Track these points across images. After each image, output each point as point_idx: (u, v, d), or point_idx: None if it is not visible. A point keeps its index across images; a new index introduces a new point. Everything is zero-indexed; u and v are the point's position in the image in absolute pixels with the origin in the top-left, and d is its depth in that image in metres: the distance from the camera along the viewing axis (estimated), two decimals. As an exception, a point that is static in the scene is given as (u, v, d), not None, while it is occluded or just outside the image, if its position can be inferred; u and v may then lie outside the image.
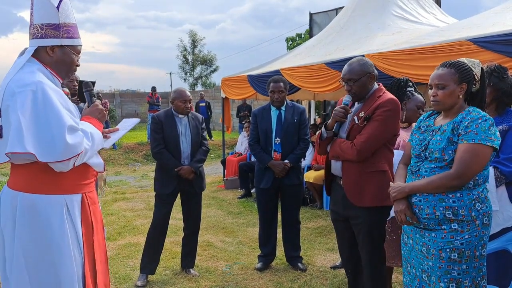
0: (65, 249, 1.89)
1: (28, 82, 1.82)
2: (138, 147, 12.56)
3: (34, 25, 1.95)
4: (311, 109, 10.89)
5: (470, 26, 4.25)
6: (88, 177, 2.04)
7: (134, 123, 2.46)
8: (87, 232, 2.00)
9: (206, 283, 3.72)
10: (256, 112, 4.16)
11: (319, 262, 4.21)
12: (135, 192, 7.80)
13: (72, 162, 1.84)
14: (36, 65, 1.94)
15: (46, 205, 1.87)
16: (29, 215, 1.85)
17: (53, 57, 1.98)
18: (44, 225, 1.86)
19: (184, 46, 32.21)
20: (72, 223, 1.93)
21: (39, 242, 1.86)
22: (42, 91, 1.81)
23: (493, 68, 2.54)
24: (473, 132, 1.99)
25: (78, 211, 1.97)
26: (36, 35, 1.95)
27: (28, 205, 1.86)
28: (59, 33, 1.97)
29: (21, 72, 1.88)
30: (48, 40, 1.95)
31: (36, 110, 1.79)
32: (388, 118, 2.55)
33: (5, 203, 1.91)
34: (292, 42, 19.69)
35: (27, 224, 1.85)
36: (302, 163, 6.74)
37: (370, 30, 5.94)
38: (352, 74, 2.63)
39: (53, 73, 1.99)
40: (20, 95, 1.79)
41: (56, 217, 1.88)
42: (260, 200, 4.10)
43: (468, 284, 2.02)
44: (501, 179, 2.42)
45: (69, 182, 1.94)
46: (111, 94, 23.78)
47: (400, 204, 2.15)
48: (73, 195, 1.95)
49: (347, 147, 2.60)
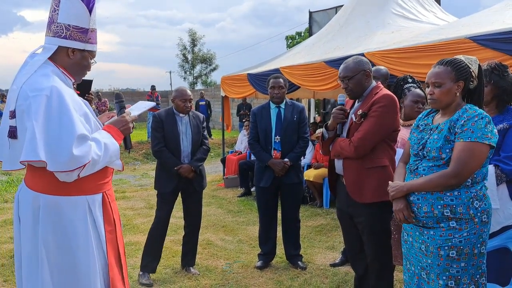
0: (88, 249, 1.89)
1: (43, 87, 1.78)
2: (138, 145, 12.55)
3: (58, 24, 1.89)
4: (311, 108, 10.90)
5: (470, 24, 4.25)
6: (107, 176, 2.03)
7: (149, 106, 2.38)
8: (111, 229, 2.00)
9: (206, 282, 3.72)
10: (255, 110, 4.15)
11: (319, 260, 4.21)
12: (135, 191, 7.80)
13: (76, 173, 1.79)
14: (50, 66, 1.89)
15: (69, 207, 1.87)
16: (53, 216, 1.85)
17: (72, 59, 1.94)
18: (67, 226, 1.86)
19: (184, 45, 32.25)
20: (94, 223, 1.93)
21: (61, 243, 1.86)
22: (58, 97, 1.77)
23: (494, 66, 2.54)
24: (469, 130, 1.99)
25: (99, 211, 1.96)
26: (60, 34, 1.89)
27: (52, 206, 1.85)
28: (85, 38, 1.94)
29: (35, 74, 1.84)
30: (73, 42, 1.91)
31: (48, 117, 1.75)
32: (383, 113, 2.58)
33: (26, 204, 1.89)
34: (291, 40, 19.70)
35: (51, 225, 1.84)
36: (302, 161, 6.75)
37: (369, 28, 5.94)
38: (347, 72, 2.68)
39: (65, 73, 1.95)
40: (35, 100, 1.75)
41: (79, 218, 1.88)
42: (260, 198, 4.10)
43: (467, 281, 2.03)
44: (502, 177, 2.42)
45: (91, 183, 1.92)
46: (111, 93, 23.78)
47: (399, 203, 2.15)
48: (95, 195, 1.95)
49: (345, 145, 2.65)
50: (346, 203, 2.76)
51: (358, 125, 2.62)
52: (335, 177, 2.90)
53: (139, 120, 22.12)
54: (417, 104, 2.97)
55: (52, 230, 1.85)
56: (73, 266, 1.87)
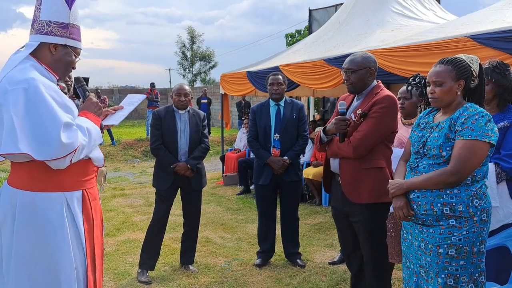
0: (65, 247, 1.89)
1: (20, 79, 1.80)
2: (137, 143, 12.55)
3: (40, 21, 1.93)
4: (310, 106, 10.89)
5: (469, 23, 4.24)
6: (88, 173, 2.03)
7: (140, 100, 2.39)
8: (89, 228, 2.00)
9: (205, 279, 3.72)
10: (254, 108, 4.14)
11: (318, 258, 4.22)
12: (134, 188, 7.80)
13: (68, 159, 1.83)
14: (30, 61, 1.91)
15: (46, 203, 1.87)
16: (29, 213, 1.85)
17: (55, 55, 1.96)
18: (44, 223, 1.86)
19: (183, 43, 32.18)
20: (73, 220, 1.93)
21: (38, 239, 1.86)
22: (35, 88, 1.79)
23: (495, 64, 2.54)
24: (469, 128, 1.99)
25: (79, 208, 1.96)
26: (41, 30, 1.93)
27: (28, 203, 1.85)
28: (66, 33, 1.96)
29: (14, 69, 1.86)
30: (54, 37, 1.94)
31: (29, 108, 1.77)
32: (385, 115, 2.56)
33: (4, 200, 1.91)
34: (291, 38, 19.66)
35: (26, 222, 1.85)
36: (301, 159, 6.75)
37: (369, 26, 5.93)
38: (352, 64, 2.66)
39: (48, 70, 1.96)
40: (13, 93, 1.77)
41: (56, 214, 1.88)
42: (258, 196, 4.10)
43: (466, 280, 2.03)
44: (502, 176, 2.42)
45: (69, 179, 1.93)
46: (110, 90, 23.76)
47: (398, 200, 2.16)
48: (74, 192, 1.95)
49: (344, 145, 2.62)
50: (342, 202, 2.74)
51: (357, 125, 2.60)
52: (330, 175, 2.88)
53: (138, 118, 22.05)
54: (400, 100, 2.96)
55: (28, 226, 1.85)
56: (50, 262, 1.87)
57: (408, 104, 2.97)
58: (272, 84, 3.98)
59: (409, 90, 3.00)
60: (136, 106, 2.35)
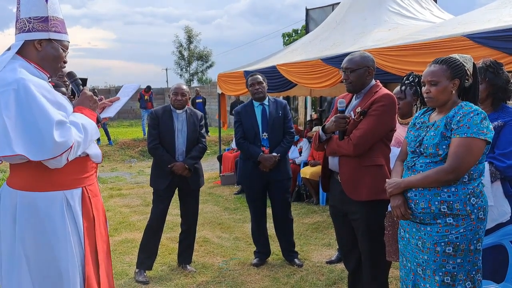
0: (66, 244, 1.88)
1: (10, 81, 1.78)
2: (134, 143, 12.53)
3: (21, 19, 1.91)
4: (307, 105, 10.90)
5: (466, 22, 4.25)
6: (87, 170, 2.03)
7: (135, 89, 2.39)
8: (89, 225, 1.99)
9: (202, 279, 3.73)
10: (238, 109, 4.12)
11: (315, 257, 4.22)
12: (131, 188, 7.79)
13: (64, 157, 1.81)
14: (18, 61, 1.89)
15: (46, 202, 1.86)
16: (30, 213, 1.85)
17: (41, 51, 1.94)
18: (45, 222, 1.86)
19: (180, 42, 32.11)
20: (73, 218, 1.92)
21: (40, 239, 1.85)
22: (25, 88, 1.77)
23: (489, 63, 2.55)
24: (465, 126, 2.00)
25: (79, 206, 1.96)
26: (23, 29, 1.90)
27: (28, 203, 1.85)
28: (47, 26, 1.93)
29: (3, 71, 1.83)
30: (36, 33, 1.91)
31: (20, 109, 1.75)
32: (384, 113, 2.58)
33: (4, 201, 1.90)
34: (288, 38, 19.69)
35: (27, 222, 1.84)
36: (299, 159, 6.78)
37: (366, 26, 5.94)
38: (351, 64, 2.68)
39: (38, 68, 1.94)
40: (3, 95, 1.75)
41: (57, 213, 1.88)
42: (249, 197, 4.10)
43: (462, 277, 2.04)
44: (496, 175, 2.43)
45: (68, 178, 1.93)
46: (107, 90, 23.66)
47: (396, 199, 2.17)
48: (73, 190, 1.94)
49: (343, 143, 2.63)
50: (341, 200, 2.75)
51: (356, 123, 2.62)
52: (328, 174, 2.89)
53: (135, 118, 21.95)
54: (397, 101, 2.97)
55: (29, 227, 1.84)
56: (52, 262, 1.87)
57: (403, 104, 2.98)
58: (252, 85, 3.98)
59: (403, 90, 3.02)
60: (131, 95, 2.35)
